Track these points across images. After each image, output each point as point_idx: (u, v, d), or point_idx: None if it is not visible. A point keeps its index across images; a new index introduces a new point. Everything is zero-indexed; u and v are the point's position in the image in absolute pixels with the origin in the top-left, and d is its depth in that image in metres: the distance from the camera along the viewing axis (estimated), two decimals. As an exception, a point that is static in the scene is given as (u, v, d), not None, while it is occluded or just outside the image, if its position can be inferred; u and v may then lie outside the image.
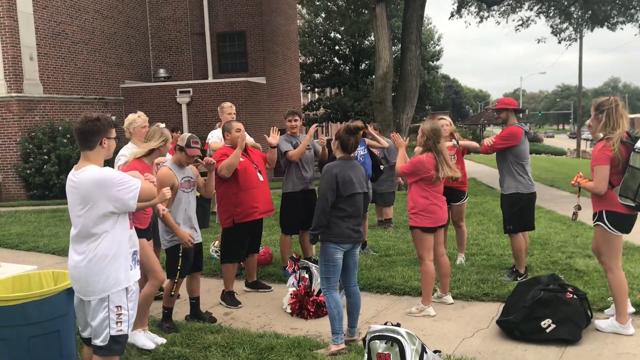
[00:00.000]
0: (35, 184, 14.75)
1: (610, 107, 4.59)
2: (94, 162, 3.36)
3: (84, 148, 3.38)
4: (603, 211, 4.68)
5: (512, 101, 6.28)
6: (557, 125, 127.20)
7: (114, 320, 3.32)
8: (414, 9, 16.40)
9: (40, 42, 15.42)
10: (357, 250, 4.74)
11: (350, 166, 4.60)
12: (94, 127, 3.34)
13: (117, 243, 3.35)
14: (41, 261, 7.80)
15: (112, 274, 3.32)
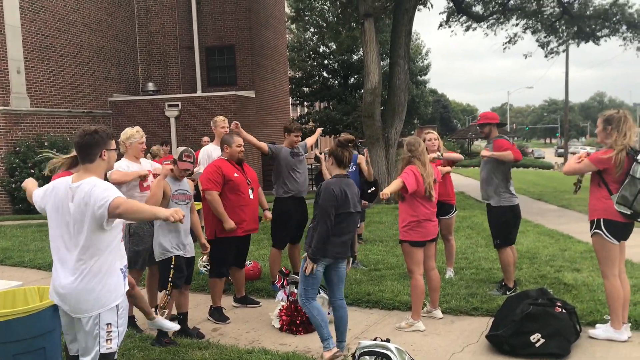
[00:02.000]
0: (20, 198, 14.60)
1: (620, 120, 4.69)
2: (94, 173, 3.33)
3: (85, 161, 3.35)
4: (601, 220, 4.76)
5: (494, 115, 6.45)
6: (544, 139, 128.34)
7: (104, 338, 3.26)
8: (403, 24, 16.55)
9: (27, 56, 15.35)
10: (343, 264, 4.71)
11: (346, 184, 4.61)
12: (92, 140, 3.31)
13: (110, 260, 3.30)
14: (26, 277, 7.69)
15: (103, 292, 3.26)
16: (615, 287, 4.77)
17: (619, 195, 4.63)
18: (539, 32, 20.88)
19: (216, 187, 5.67)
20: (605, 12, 18.97)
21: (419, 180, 5.20)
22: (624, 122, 4.68)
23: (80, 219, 3.22)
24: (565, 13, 19.29)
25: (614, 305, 4.80)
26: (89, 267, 3.24)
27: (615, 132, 4.68)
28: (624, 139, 4.62)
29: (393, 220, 11.36)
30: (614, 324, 4.83)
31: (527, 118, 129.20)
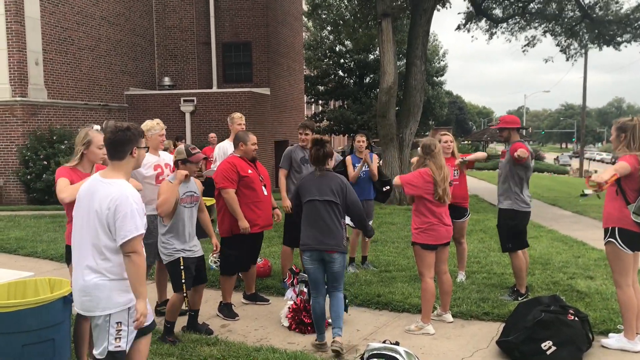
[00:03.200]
0: (35, 188, 14.73)
1: (634, 127, 4.63)
2: (123, 172, 3.33)
3: (114, 158, 3.33)
4: (616, 228, 4.68)
5: (515, 119, 6.28)
6: (560, 144, 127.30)
7: (113, 336, 3.25)
8: (420, 25, 16.46)
9: (46, 48, 15.47)
10: (334, 265, 4.77)
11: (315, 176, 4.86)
12: (124, 136, 3.30)
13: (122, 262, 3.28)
14: (39, 267, 7.75)
15: (117, 293, 3.25)
16: (629, 296, 4.70)
17: (636, 206, 4.55)
18: (559, 35, 20.67)
19: (232, 185, 5.66)
20: (627, 17, 18.73)
21: (426, 183, 5.15)
22: (638, 130, 4.61)
23: (97, 218, 3.22)
24: (585, 17, 19.08)
25: (628, 315, 4.73)
26: (108, 267, 3.23)
27: (630, 140, 4.61)
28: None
29: (405, 222, 11.30)
30: (627, 334, 4.75)
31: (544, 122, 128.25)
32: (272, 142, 21.01)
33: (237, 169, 5.69)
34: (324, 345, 4.85)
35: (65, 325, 3.85)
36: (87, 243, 3.26)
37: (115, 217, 3.15)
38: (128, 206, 3.17)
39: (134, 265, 3.18)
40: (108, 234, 3.20)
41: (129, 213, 3.16)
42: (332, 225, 4.74)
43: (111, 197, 3.17)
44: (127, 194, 3.19)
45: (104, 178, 3.29)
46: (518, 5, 19.95)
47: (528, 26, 20.49)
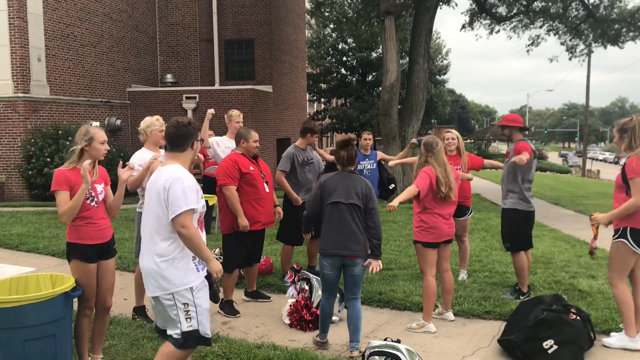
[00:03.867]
0: (37, 184, 14.74)
1: (634, 127, 4.62)
2: (182, 160, 3.56)
3: (175, 150, 3.57)
4: (627, 228, 4.66)
5: (518, 118, 6.23)
6: (563, 143, 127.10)
7: (183, 317, 3.43)
8: (423, 23, 16.43)
9: (48, 44, 15.47)
10: (355, 268, 4.62)
11: (344, 177, 4.65)
12: (187, 131, 3.56)
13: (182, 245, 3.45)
14: (40, 263, 7.75)
15: (179, 273, 3.42)
16: (625, 293, 4.71)
17: None
18: (563, 34, 20.63)
19: (233, 182, 5.66)
20: (632, 16, 18.68)
21: (432, 183, 5.14)
22: (638, 129, 4.61)
23: (158, 202, 3.44)
24: (589, 16, 19.03)
25: (627, 313, 4.72)
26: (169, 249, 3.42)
27: (632, 139, 4.61)
28: None
29: (407, 220, 11.29)
30: (627, 332, 4.75)
31: (546, 121, 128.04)
32: (274, 139, 21.00)
33: (239, 166, 5.69)
34: (325, 343, 4.84)
35: (66, 321, 3.86)
36: (151, 227, 3.48)
37: (167, 197, 3.37)
38: (179, 184, 3.38)
39: (186, 239, 3.38)
40: (166, 214, 3.40)
41: (180, 190, 3.37)
42: (357, 230, 4.58)
43: (166, 178, 3.41)
44: (179, 174, 3.42)
45: (163, 167, 3.55)
46: (522, 3, 19.91)
47: (532, 24, 20.45)
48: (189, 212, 3.37)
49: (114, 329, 5.09)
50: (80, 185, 3.95)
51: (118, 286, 6.80)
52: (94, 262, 4.13)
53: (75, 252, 4.08)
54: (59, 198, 3.98)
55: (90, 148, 4.09)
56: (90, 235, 4.10)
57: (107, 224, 4.25)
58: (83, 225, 4.07)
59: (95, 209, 4.12)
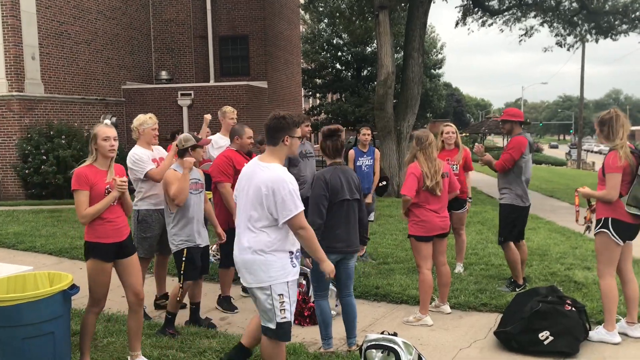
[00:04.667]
0: (33, 183, 14.72)
1: (611, 119, 4.66)
2: (277, 157, 3.64)
3: (269, 143, 3.67)
4: (609, 218, 4.70)
5: (518, 112, 6.23)
6: (558, 135, 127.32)
7: (278, 309, 3.54)
8: (418, 17, 16.42)
9: (42, 42, 15.41)
10: (351, 261, 4.64)
11: (341, 171, 4.54)
12: (278, 124, 3.62)
13: (278, 239, 3.54)
14: (37, 261, 7.76)
15: (274, 267, 3.51)
16: (611, 286, 4.73)
17: (629, 197, 4.58)
18: (556, 27, 20.64)
19: (228, 179, 5.67)
20: (625, 7, 18.70)
21: (419, 179, 5.18)
22: (616, 121, 4.64)
23: (256, 198, 3.51)
24: (583, 8, 19.04)
25: (609, 306, 4.75)
26: (263, 240, 3.51)
27: (609, 132, 4.65)
28: (621, 136, 4.61)
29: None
30: (607, 326, 4.78)
31: (542, 114, 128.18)
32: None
33: (234, 163, 5.70)
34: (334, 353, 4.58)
35: (65, 319, 3.87)
36: (244, 222, 3.58)
37: (275, 199, 3.46)
38: (285, 188, 3.46)
39: (303, 239, 3.55)
40: (265, 213, 3.49)
41: (288, 194, 3.46)
42: (356, 224, 4.60)
43: (269, 180, 3.48)
44: (283, 177, 3.49)
45: (261, 162, 3.62)
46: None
47: (524, 17, 20.45)
48: (300, 213, 3.48)
49: (112, 326, 5.11)
50: (99, 184, 4.00)
51: (115, 283, 6.80)
52: (110, 261, 4.16)
53: (95, 251, 4.09)
54: (78, 198, 4.00)
55: (97, 146, 4.12)
56: (109, 234, 4.11)
57: (125, 222, 4.26)
58: (101, 224, 4.08)
59: (113, 208, 4.14)
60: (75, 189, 4.01)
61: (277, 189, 3.46)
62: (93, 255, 4.10)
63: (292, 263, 3.58)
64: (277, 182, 3.47)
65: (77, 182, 4.01)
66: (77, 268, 7.50)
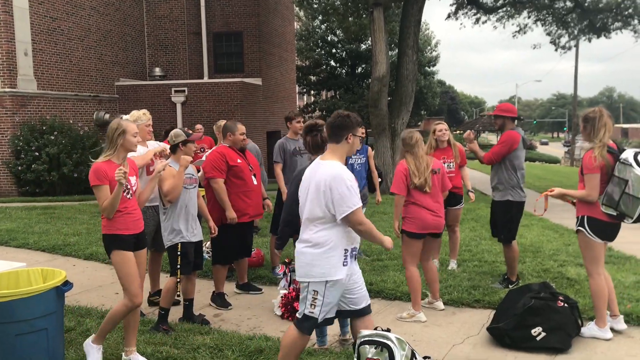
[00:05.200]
0: (26, 180, 14.66)
1: (594, 117, 4.66)
2: (338, 155, 3.70)
3: (332, 141, 3.73)
4: (585, 217, 4.73)
5: (511, 108, 6.17)
6: (552, 133, 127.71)
7: (309, 302, 3.64)
8: (412, 14, 16.43)
9: (35, 38, 15.33)
10: None
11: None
12: (343, 122, 3.70)
13: (335, 236, 3.58)
14: (30, 258, 7.73)
15: (318, 263, 3.57)
16: (600, 285, 4.75)
17: (604, 197, 4.59)
18: (550, 25, 20.69)
19: (221, 175, 5.67)
20: (618, 5, 18.76)
21: (406, 176, 5.24)
22: (599, 120, 4.63)
23: (316, 195, 3.59)
24: (577, 6, 19.10)
25: (598, 304, 4.78)
26: (316, 237, 3.59)
27: (591, 131, 4.65)
28: (598, 137, 4.59)
29: (397, 211, 11.34)
30: (598, 322, 4.81)
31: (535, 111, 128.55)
32: (264, 132, 20.97)
33: (226, 159, 5.70)
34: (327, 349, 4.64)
35: (58, 315, 3.86)
36: (309, 215, 3.65)
37: (332, 196, 3.52)
38: (343, 184, 3.52)
39: (363, 233, 3.65)
40: (322, 209, 3.56)
41: (345, 190, 3.52)
42: None
43: (327, 177, 3.55)
44: (341, 174, 3.56)
45: (322, 160, 3.71)
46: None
47: (518, 15, 20.50)
48: (358, 209, 3.54)
49: (106, 323, 5.10)
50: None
51: (109, 280, 6.81)
52: (132, 251, 4.18)
53: (116, 242, 4.10)
54: (100, 193, 4.02)
55: (124, 141, 4.13)
56: (128, 226, 4.13)
57: (140, 214, 4.29)
58: (120, 217, 4.10)
59: (130, 200, 4.18)
60: (94, 184, 4.02)
61: (335, 186, 3.52)
62: (115, 246, 4.10)
63: (344, 262, 3.62)
64: (335, 179, 3.54)
65: (96, 177, 4.02)
66: (70, 265, 7.48)
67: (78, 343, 4.56)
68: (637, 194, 4.39)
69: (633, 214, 4.46)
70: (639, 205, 4.40)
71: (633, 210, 4.45)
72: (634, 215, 4.47)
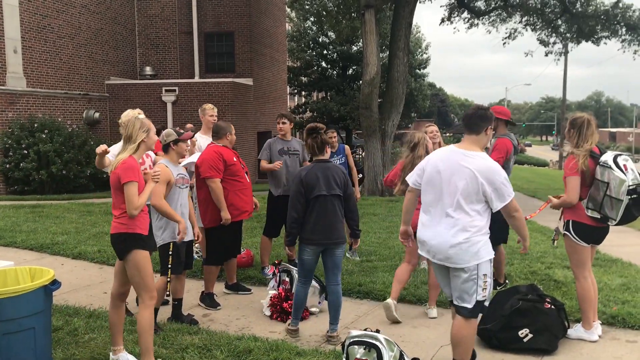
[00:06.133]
0: (14, 179, 14.55)
1: (582, 124, 4.67)
2: (479, 146, 3.91)
3: (472, 132, 3.92)
4: (570, 221, 4.78)
5: (504, 110, 6.14)
6: (541, 136, 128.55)
7: (481, 287, 3.81)
8: (403, 16, 16.49)
9: (24, 35, 15.23)
10: (337, 251, 4.77)
11: (320, 168, 4.70)
12: (484, 114, 3.92)
13: (486, 220, 3.84)
14: (18, 257, 7.68)
15: (482, 246, 3.78)
16: (586, 289, 4.79)
17: (588, 200, 4.64)
18: (540, 30, 20.85)
19: (218, 175, 5.67)
20: (606, 13, 18.93)
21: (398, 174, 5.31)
22: (586, 127, 4.64)
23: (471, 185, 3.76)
24: (566, 11, 19.26)
25: (584, 307, 4.83)
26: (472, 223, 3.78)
27: (576, 137, 4.67)
28: (586, 144, 4.60)
29: (387, 213, 11.38)
30: (584, 325, 4.86)
31: (525, 115, 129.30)
32: (255, 133, 20.96)
33: (224, 158, 5.72)
34: (297, 330, 4.94)
35: (46, 314, 3.85)
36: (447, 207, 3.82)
37: (491, 187, 3.76)
38: (501, 176, 3.79)
39: (516, 220, 3.94)
40: (479, 197, 3.78)
41: (504, 181, 3.79)
42: (338, 219, 4.73)
43: (484, 169, 3.77)
44: (496, 166, 3.82)
45: (465, 150, 3.86)
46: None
47: (509, 18, 20.64)
48: (514, 198, 3.83)
49: (94, 322, 5.08)
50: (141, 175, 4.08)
51: (97, 279, 6.78)
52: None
53: (138, 242, 4.07)
54: (134, 189, 3.97)
55: (148, 139, 4.15)
56: (145, 226, 4.15)
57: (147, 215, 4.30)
58: (141, 216, 4.11)
59: None
60: (130, 180, 3.96)
61: (494, 178, 3.76)
62: (137, 245, 4.06)
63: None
64: (493, 171, 3.78)
65: (133, 173, 3.99)
66: (58, 264, 7.44)
67: (66, 342, 4.55)
68: (618, 196, 4.44)
69: (615, 215, 4.51)
70: (621, 206, 4.45)
71: (615, 212, 4.50)
72: (616, 217, 4.51)
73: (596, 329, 4.87)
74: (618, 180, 4.43)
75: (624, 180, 4.41)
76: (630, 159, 4.63)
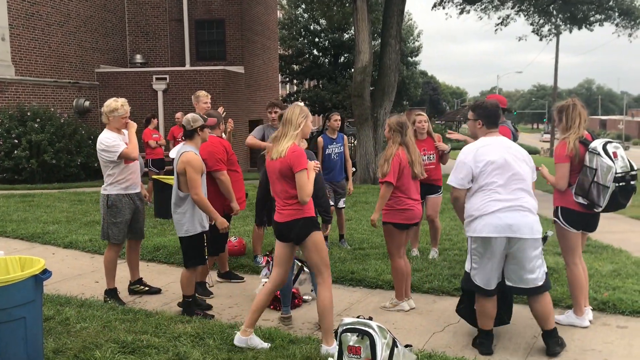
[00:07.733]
0: (4, 167, 14.43)
1: (568, 108, 4.71)
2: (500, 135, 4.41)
3: (491, 126, 4.40)
4: (559, 207, 4.81)
5: (501, 99, 6.18)
6: (532, 124, 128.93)
7: (542, 258, 4.22)
8: (395, 4, 16.42)
9: (12, 23, 15.04)
10: None
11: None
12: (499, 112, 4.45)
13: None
14: (8, 246, 7.63)
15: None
16: (576, 275, 4.83)
17: (576, 186, 4.66)
18: (532, 16, 20.81)
19: (225, 166, 5.65)
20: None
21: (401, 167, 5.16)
22: (572, 110, 4.68)
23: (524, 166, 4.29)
24: (558, -3, 19.23)
25: (575, 293, 4.86)
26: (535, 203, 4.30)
27: (565, 121, 4.71)
28: (574, 127, 4.64)
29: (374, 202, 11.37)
30: (575, 311, 4.90)
31: (516, 103, 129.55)
32: (247, 121, 20.87)
33: (227, 149, 5.72)
34: (289, 318, 4.97)
35: (36, 304, 3.81)
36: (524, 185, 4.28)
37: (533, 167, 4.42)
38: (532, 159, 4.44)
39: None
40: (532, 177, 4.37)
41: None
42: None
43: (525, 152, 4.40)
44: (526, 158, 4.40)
45: (497, 137, 4.36)
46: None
47: (502, 5, 20.58)
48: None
49: (85, 312, 5.05)
50: None
51: (89, 269, 6.75)
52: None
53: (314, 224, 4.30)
54: (306, 177, 4.13)
55: (306, 126, 4.29)
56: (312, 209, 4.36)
57: None
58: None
59: None
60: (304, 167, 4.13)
61: (531, 160, 4.38)
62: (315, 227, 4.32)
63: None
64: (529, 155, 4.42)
65: (305, 160, 4.16)
66: (49, 253, 7.41)
67: (57, 332, 4.52)
68: (605, 183, 4.47)
69: (601, 202, 4.54)
70: (607, 193, 4.48)
71: (602, 198, 4.53)
72: (602, 203, 4.54)
73: (587, 314, 4.91)
74: (606, 167, 4.46)
75: (611, 167, 4.43)
76: (620, 147, 4.66)
